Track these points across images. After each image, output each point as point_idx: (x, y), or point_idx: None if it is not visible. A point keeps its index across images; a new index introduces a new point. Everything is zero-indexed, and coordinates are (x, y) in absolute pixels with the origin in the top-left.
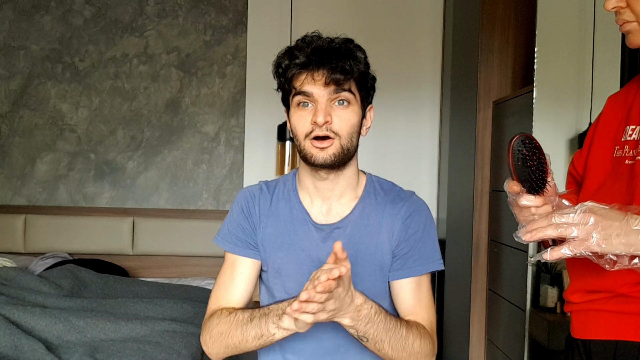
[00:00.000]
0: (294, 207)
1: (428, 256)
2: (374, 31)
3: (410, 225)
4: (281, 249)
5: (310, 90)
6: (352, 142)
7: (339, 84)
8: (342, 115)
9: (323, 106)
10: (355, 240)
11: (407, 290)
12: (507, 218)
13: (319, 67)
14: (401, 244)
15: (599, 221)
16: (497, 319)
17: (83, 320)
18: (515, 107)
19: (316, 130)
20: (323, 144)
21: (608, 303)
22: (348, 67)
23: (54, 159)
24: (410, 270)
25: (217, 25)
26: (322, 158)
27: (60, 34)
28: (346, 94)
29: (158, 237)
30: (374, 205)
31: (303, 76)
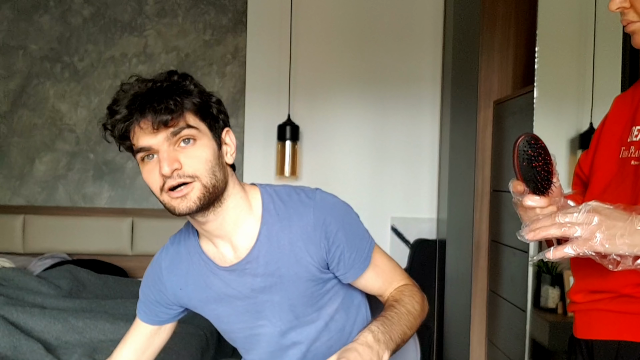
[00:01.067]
0: (199, 261)
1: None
2: (374, 31)
3: (328, 228)
4: (209, 302)
5: (146, 144)
6: (217, 176)
7: (171, 124)
8: (190, 154)
9: (165, 154)
10: (274, 268)
11: (370, 279)
12: (508, 218)
13: (142, 114)
14: (329, 249)
15: (602, 221)
16: (497, 320)
17: (82, 321)
18: (515, 106)
19: (168, 181)
20: (181, 192)
21: (611, 303)
22: (173, 104)
23: (52, 159)
24: (357, 268)
25: (217, 24)
26: (187, 207)
27: (59, 33)
28: (186, 132)
29: (157, 237)
30: (279, 224)
31: (132, 129)
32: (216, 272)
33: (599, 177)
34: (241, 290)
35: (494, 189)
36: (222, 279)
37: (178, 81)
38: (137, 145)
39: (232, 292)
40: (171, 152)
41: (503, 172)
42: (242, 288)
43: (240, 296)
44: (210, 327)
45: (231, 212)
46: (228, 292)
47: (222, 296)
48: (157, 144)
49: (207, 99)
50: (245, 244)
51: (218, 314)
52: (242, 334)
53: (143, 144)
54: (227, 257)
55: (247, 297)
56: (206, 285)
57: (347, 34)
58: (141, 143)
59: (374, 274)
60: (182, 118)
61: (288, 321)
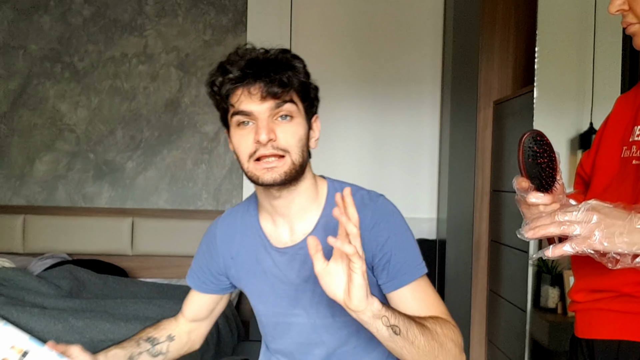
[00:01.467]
0: (254, 235)
1: (412, 261)
2: (374, 31)
3: (380, 234)
4: (255, 276)
5: (248, 109)
6: (304, 156)
7: (278, 97)
8: (287, 129)
9: (264, 123)
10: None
11: (407, 297)
12: (507, 218)
13: (255, 80)
14: (376, 255)
15: (602, 219)
16: (497, 320)
17: (82, 321)
18: (515, 107)
19: (260, 150)
20: (270, 164)
21: (612, 303)
22: (286, 78)
23: (53, 159)
24: (399, 280)
25: (217, 24)
26: (271, 177)
27: (59, 33)
28: (288, 107)
29: (157, 237)
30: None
31: (239, 92)
32: (269, 250)
33: (600, 177)
34: (288, 275)
35: (494, 189)
36: (272, 258)
37: (289, 58)
38: (238, 109)
39: (278, 273)
40: (270, 122)
41: (503, 172)
42: (289, 272)
43: (285, 280)
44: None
45: (302, 195)
46: (275, 273)
47: (268, 275)
48: (260, 112)
49: (309, 83)
50: (303, 230)
51: (259, 292)
52: (275, 319)
53: (245, 108)
54: (283, 238)
55: (291, 283)
56: (256, 260)
57: (347, 35)
58: (243, 107)
59: (414, 294)
60: (288, 94)
61: (324, 317)
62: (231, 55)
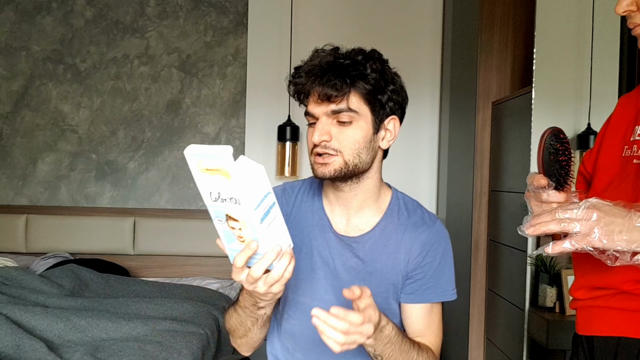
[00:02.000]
0: (316, 213)
1: (442, 286)
2: (373, 32)
3: (429, 253)
4: (300, 253)
5: (311, 110)
6: (361, 157)
7: (334, 100)
8: (342, 132)
9: (320, 124)
10: (373, 259)
11: (418, 314)
12: (506, 218)
13: (314, 84)
14: (417, 269)
15: (601, 217)
16: (496, 319)
17: (84, 320)
18: (514, 107)
19: (316, 148)
20: (324, 159)
21: (611, 300)
22: (340, 83)
23: (55, 160)
24: (422, 297)
25: (218, 26)
26: (322, 172)
27: (61, 34)
28: (345, 114)
29: (159, 237)
30: (396, 225)
31: (308, 94)
32: (326, 230)
33: (601, 176)
34: (335, 259)
35: (493, 189)
36: (327, 239)
37: (358, 61)
38: (306, 110)
39: (327, 255)
40: (327, 124)
41: (501, 172)
42: (337, 258)
43: (330, 264)
44: (212, 326)
45: (364, 192)
46: (323, 253)
47: (314, 253)
48: (319, 114)
49: (382, 86)
50: (360, 226)
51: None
52: (303, 298)
53: (310, 109)
54: (339, 226)
55: (335, 268)
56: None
57: (346, 35)
58: (309, 108)
59: (424, 315)
60: (346, 99)
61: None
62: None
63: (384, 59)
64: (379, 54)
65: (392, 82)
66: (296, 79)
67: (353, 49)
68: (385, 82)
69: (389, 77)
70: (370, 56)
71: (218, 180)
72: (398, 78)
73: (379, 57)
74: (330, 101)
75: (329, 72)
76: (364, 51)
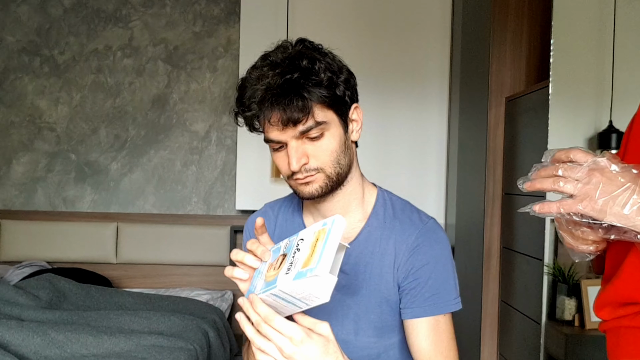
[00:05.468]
0: (296, 230)
1: (443, 295)
2: (377, 21)
3: (418, 258)
4: None
5: (275, 138)
6: (340, 164)
7: (300, 121)
8: (317, 148)
9: (292, 150)
10: (360, 271)
11: (421, 331)
12: (520, 224)
13: (271, 111)
14: (408, 277)
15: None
16: (510, 333)
17: (63, 334)
18: (529, 103)
19: (296, 174)
20: (305, 180)
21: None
22: (302, 103)
23: (31, 160)
24: (421, 309)
25: (208, 15)
26: (309, 192)
27: (38, 24)
28: (314, 131)
29: (144, 244)
30: (382, 230)
31: (263, 122)
32: None
33: None
34: None
35: (506, 191)
36: None
37: (307, 69)
38: (268, 137)
39: None
40: (299, 146)
41: (516, 173)
42: None
43: None
44: (201, 341)
45: (346, 196)
46: None
47: None
48: (286, 139)
49: (335, 82)
50: (345, 234)
51: None
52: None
53: (273, 137)
54: None
55: None
56: None
57: (348, 25)
58: (271, 136)
59: (429, 332)
60: (311, 115)
61: (346, 333)
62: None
63: (322, 50)
64: (310, 43)
65: (340, 71)
66: (247, 112)
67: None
68: (336, 75)
69: (335, 67)
70: (313, 56)
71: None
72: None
73: (318, 49)
74: (295, 124)
75: (287, 94)
76: (304, 53)
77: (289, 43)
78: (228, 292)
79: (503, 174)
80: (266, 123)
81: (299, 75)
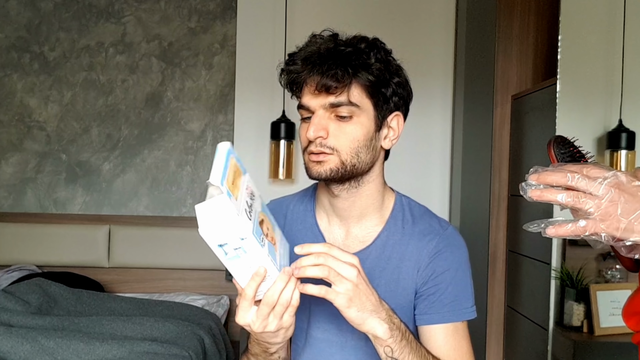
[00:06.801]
0: (309, 230)
1: (462, 302)
2: (378, 16)
3: (439, 263)
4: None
5: (306, 103)
6: (360, 157)
7: (333, 92)
8: (340, 128)
9: (316, 119)
10: (375, 276)
11: (440, 337)
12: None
13: (311, 73)
14: (428, 283)
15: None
16: (516, 339)
17: (53, 341)
18: (536, 102)
19: (311, 146)
20: (318, 157)
21: None
22: (341, 72)
23: (20, 160)
24: (439, 315)
25: (203, 10)
26: (317, 171)
27: (27, 20)
28: (344, 109)
29: (137, 247)
30: (400, 235)
31: (302, 84)
32: None
33: None
34: None
35: (512, 193)
36: None
37: (361, 50)
38: (300, 102)
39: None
40: (324, 119)
41: (522, 174)
42: None
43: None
44: (197, 347)
45: (364, 198)
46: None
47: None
48: (315, 106)
49: (387, 78)
50: (360, 238)
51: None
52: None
53: (304, 102)
54: (336, 240)
55: None
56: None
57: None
58: (304, 100)
59: (448, 338)
60: (347, 91)
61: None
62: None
63: (387, 48)
64: (382, 42)
65: (397, 74)
66: (290, 66)
67: (355, 36)
68: (389, 74)
69: (394, 68)
70: (374, 44)
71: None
72: (402, 71)
73: (382, 47)
74: (328, 93)
75: (329, 60)
76: (366, 39)
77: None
78: (224, 297)
79: (509, 175)
80: (303, 84)
81: (351, 51)
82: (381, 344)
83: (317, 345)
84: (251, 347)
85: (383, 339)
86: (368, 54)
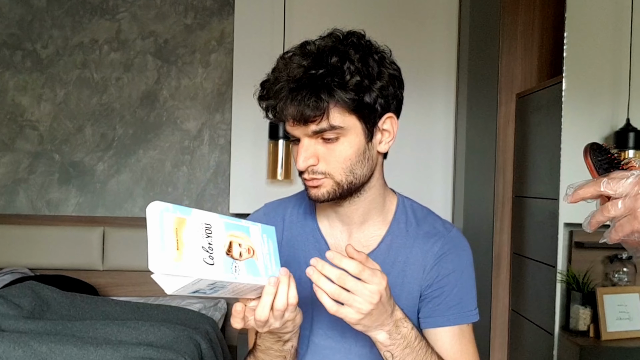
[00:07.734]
0: (310, 234)
1: (466, 305)
2: (379, 13)
3: (444, 266)
4: (299, 284)
5: (290, 132)
6: (356, 173)
7: (312, 121)
8: (329, 151)
9: (302, 148)
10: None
11: (446, 340)
12: (532, 228)
13: (285, 105)
14: (432, 285)
15: None
16: (521, 344)
17: (46, 345)
18: (541, 100)
19: (304, 174)
20: (313, 182)
21: None
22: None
23: (12, 160)
24: (444, 318)
25: (200, 6)
26: (315, 196)
27: (19, 16)
28: (328, 133)
29: (132, 250)
30: (404, 238)
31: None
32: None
33: None
34: None
35: (517, 194)
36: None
37: (333, 66)
38: (285, 128)
39: None
40: (311, 145)
41: (527, 175)
42: None
43: None
44: (193, 352)
45: (367, 204)
46: None
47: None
48: (299, 135)
49: (367, 86)
50: (364, 242)
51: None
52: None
53: (288, 130)
54: (339, 244)
55: None
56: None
57: (348, 18)
58: (287, 129)
59: (454, 340)
60: (327, 116)
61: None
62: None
63: (364, 43)
64: (357, 38)
65: (379, 75)
66: (264, 100)
67: (324, 45)
68: (370, 81)
69: (374, 70)
70: (346, 53)
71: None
72: (385, 62)
73: (359, 46)
74: (308, 122)
75: (302, 89)
76: (336, 48)
77: (339, 33)
78: (221, 301)
79: (513, 176)
80: (282, 115)
81: (324, 73)
82: (381, 348)
83: (320, 352)
84: (260, 342)
85: (384, 345)
86: (341, 68)
